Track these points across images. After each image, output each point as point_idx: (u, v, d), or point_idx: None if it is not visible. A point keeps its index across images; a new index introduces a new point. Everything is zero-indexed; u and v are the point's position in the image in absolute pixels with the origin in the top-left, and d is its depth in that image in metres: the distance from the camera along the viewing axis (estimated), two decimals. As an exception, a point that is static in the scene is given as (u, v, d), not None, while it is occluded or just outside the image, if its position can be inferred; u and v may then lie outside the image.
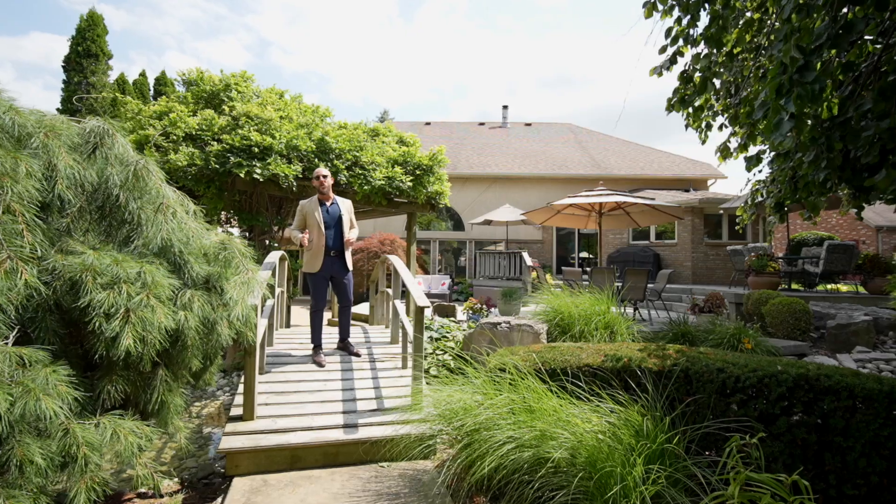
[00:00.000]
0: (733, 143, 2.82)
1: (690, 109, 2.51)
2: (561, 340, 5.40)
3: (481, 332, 5.68)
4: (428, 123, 20.59)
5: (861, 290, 8.64)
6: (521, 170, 15.93)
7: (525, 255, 10.98)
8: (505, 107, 21.06)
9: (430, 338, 5.83)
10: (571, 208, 9.00)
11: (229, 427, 2.93)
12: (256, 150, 5.12)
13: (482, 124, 21.25)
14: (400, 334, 5.06)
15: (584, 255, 16.42)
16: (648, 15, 2.30)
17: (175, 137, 5.15)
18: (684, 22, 2.14)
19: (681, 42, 2.25)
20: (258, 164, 5.07)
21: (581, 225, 9.66)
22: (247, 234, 6.44)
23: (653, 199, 8.36)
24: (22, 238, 1.63)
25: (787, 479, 1.96)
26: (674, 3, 2.16)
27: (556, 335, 5.50)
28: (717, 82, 2.50)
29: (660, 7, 2.24)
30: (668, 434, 2.18)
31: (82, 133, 2.08)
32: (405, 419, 3.14)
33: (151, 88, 12.78)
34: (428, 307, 3.26)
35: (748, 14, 2.35)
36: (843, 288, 9.95)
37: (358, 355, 4.25)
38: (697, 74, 2.25)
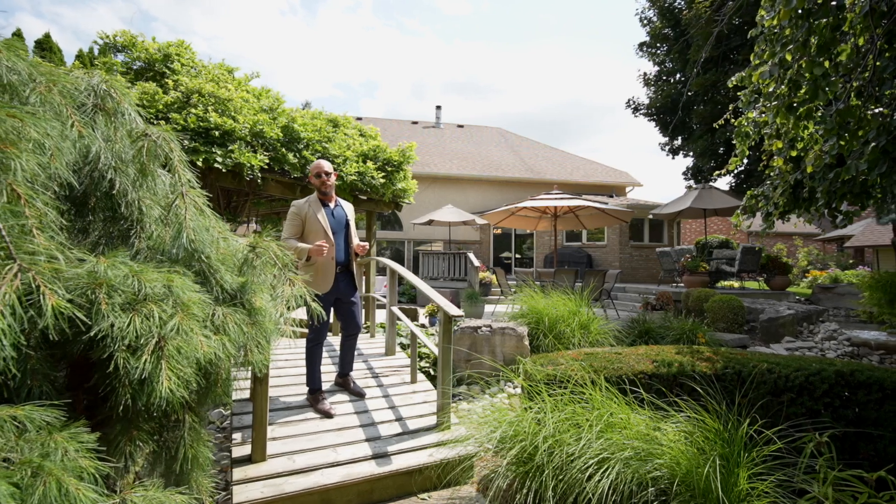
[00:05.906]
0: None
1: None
2: (546, 343, 5.40)
3: (461, 337, 5.47)
4: (360, 119, 19.76)
5: (764, 286, 9.99)
6: (459, 171, 15.95)
7: (471, 255, 10.95)
8: (438, 107, 21.02)
9: (401, 344, 5.48)
10: (525, 210, 9.16)
11: (238, 473, 2.35)
12: (216, 133, 4.34)
13: (415, 123, 20.98)
14: (400, 345, 4.66)
15: (517, 255, 16.97)
16: (784, 17, 2.31)
17: (105, 112, 4.15)
18: (799, 31, 2.17)
19: (791, 47, 2.29)
20: (218, 151, 4.30)
21: (532, 226, 9.88)
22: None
23: (605, 202, 8.82)
24: (32, 239, 1.05)
25: (870, 477, 2.05)
26: (795, 6, 2.18)
27: (540, 337, 5.48)
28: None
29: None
30: (759, 446, 2.17)
31: (81, 90, 1.46)
32: (441, 441, 2.82)
33: (31, 53, 10.43)
34: (460, 315, 2.95)
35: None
36: (736, 284, 11.44)
37: (362, 396, 3.34)
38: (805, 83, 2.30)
